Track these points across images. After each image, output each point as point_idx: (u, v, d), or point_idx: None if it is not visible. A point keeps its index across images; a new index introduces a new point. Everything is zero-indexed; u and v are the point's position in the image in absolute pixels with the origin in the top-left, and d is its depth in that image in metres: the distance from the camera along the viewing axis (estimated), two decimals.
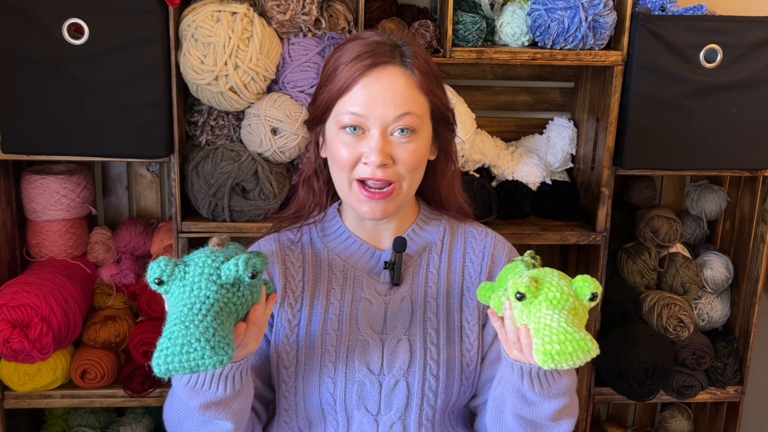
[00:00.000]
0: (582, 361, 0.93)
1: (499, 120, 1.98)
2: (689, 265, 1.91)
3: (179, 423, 1.11)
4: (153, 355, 0.89)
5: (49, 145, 1.57)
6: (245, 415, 1.13)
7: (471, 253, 1.28)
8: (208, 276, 0.93)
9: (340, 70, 1.15)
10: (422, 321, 1.21)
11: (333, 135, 1.17)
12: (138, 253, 1.86)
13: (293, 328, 1.21)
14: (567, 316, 0.96)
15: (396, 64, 1.15)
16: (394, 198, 1.16)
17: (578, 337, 0.93)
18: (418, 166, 1.18)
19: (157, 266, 0.93)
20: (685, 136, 1.71)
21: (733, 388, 1.94)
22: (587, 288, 0.99)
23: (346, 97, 1.14)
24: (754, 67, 1.68)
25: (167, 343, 0.89)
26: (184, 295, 0.93)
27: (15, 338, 1.57)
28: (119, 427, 1.90)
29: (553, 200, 1.86)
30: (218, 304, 0.93)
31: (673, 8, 1.71)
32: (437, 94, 1.19)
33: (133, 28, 1.50)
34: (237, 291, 0.95)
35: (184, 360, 0.88)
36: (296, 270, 1.24)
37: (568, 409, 1.11)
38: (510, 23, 1.70)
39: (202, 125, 1.66)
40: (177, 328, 0.90)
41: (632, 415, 2.26)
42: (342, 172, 1.17)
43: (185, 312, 0.91)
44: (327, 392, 1.18)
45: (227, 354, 0.90)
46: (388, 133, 1.14)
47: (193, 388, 1.04)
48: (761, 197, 1.87)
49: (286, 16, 1.60)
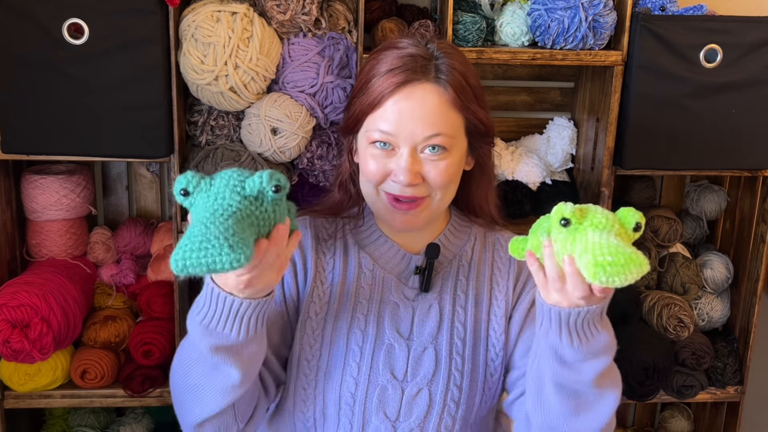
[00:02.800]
0: (634, 276, 0.89)
1: (499, 120, 1.98)
2: (689, 265, 1.91)
3: (186, 372, 1.08)
4: (171, 254, 0.89)
5: (49, 145, 1.57)
6: (254, 370, 1.09)
7: (498, 261, 1.27)
8: (232, 187, 0.95)
9: (373, 82, 1.13)
10: (450, 330, 1.20)
11: (363, 147, 1.17)
12: (138, 253, 1.86)
13: (319, 321, 1.19)
14: (615, 237, 0.94)
15: (429, 81, 1.12)
16: (422, 211, 1.15)
17: (630, 251, 0.90)
18: (450, 183, 1.16)
19: (184, 178, 0.95)
20: (685, 136, 1.70)
21: (733, 388, 1.94)
22: (632, 217, 0.97)
23: (376, 113, 1.13)
24: (754, 67, 1.68)
25: (186, 241, 0.89)
26: (208, 203, 0.94)
27: (15, 338, 1.57)
28: (119, 427, 1.90)
29: (553, 200, 1.83)
30: (240, 213, 0.94)
31: (673, 8, 1.71)
32: (473, 110, 1.15)
33: (133, 28, 1.50)
34: (260, 205, 0.96)
35: (202, 256, 0.88)
36: (327, 261, 1.23)
37: (610, 375, 1.06)
38: (510, 23, 1.70)
39: (202, 125, 1.66)
40: (197, 229, 0.90)
41: (632, 415, 2.26)
42: (369, 184, 1.16)
43: (207, 216, 0.92)
44: (348, 392, 1.16)
45: (244, 254, 0.90)
46: (417, 151, 1.12)
47: (207, 327, 1.01)
48: (761, 197, 1.87)
49: (286, 16, 1.60)
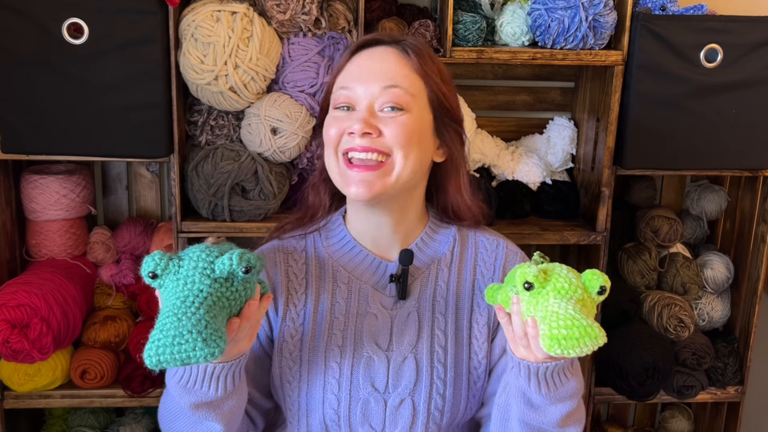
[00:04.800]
0: (589, 348, 0.91)
1: (499, 120, 1.98)
2: (689, 265, 1.91)
3: (172, 421, 1.10)
4: (144, 347, 0.88)
5: (49, 145, 1.56)
6: (237, 419, 1.11)
7: (482, 265, 1.23)
8: (202, 270, 0.93)
9: (338, 60, 1.17)
10: (430, 338, 1.17)
11: (328, 118, 1.15)
12: (138, 253, 1.86)
13: (295, 343, 1.17)
14: (575, 305, 0.95)
15: (390, 45, 1.14)
16: (385, 174, 1.09)
17: (585, 324, 0.92)
18: (410, 143, 1.09)
19: (152, 260, 0.93)
20: (685, 136, 1.70)
21: (733, 388, 1.94)
22: (596, 281, 0.98)
23: (340, 76, 1.15)
24: (754, 67, 1.68)
25: (159, 334, 0.88)
26: (178, 288, 0.92)
27: (15, 338, 1.57)
28: (119, 427, 1.90)
29: (554, 200, 1.85)
30: (211, 298, 0.92)
31: (674, 8, 1.71)
32: (437, 81, 1.14)
33: (133, 27, 1.50)
34: (231, 286, 0.95)
35: (176, 351, 0.87)
36: (299, 282, 1.19)
37: (575, 416, 1.08)
38: (510, 23, 1.70)
39: (202, 125, 1.66)
40: (169, 320, 0.88)
41: (632, 415, 2.26)
42: (330, 149, 1.13)
43: (178, 304, 0.90)
44: (331, 409, 1.14)
45: (219, 347, 0.89)
46: (376, 108, 1.10)
47: (185, 386, 1.02)
48: (761, 197, 1.87)
49: (286, 16, 1.59)
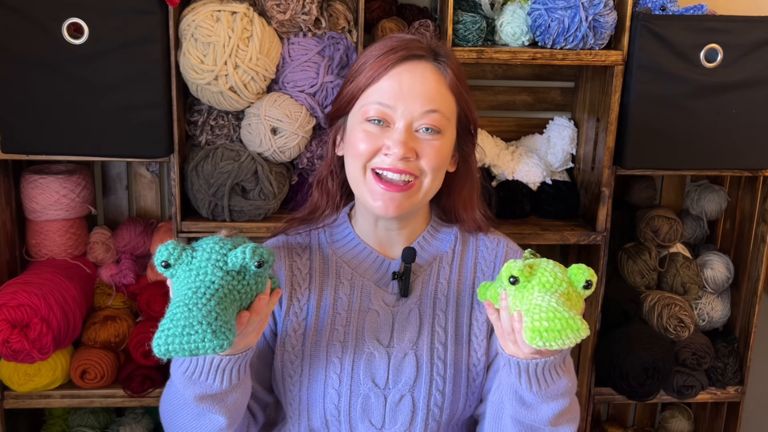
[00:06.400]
0: (572, 341, 0.91)
1: (499, 120, 1.98)
2: (689, 265, 1.91)
3: (174, 414, 1.10)
4: (154, 336, 0.88)
5: (48, 144, 1.56)
6: (240, 413, 1.11)
7: (482, 263, 1.24)
8: (214, 262, 0.93)
9: (371, 63, 1.11)
10: (430, 335, 1.18)
11: (355, 125, 1.13)
12: (138, 253, 1.86)
13: (298, 337, 1.18)
14: (558, 299, 0.95)
15: (429, 61, 1.12)
16: (412, 195, 1.12)
17: (567, 316, 0.92)
18: (441, 167, 1.13)
19: (165, 249, 0.93)
20: (685, 136, 1.70)
21: (733, 388, 1.94)
22: (581, 275, 0.98)
23: (373, 87, 1.11)
24: (754, 67, 1.68)
25: (169, 324, 0.88)
26: (190, 279, 0.92)
27: (15, 338, 1.57)
28: (119, 427, 1.90)
29: (554, 200, 1.85)
30: (223, 290, 0.92)
31: (674, 8, 1.71)
32: (466, 99, 1.16)
33: (133, 27, 1.50)
34: (242, 279, 0.95)
35: (185, 342, 0.87)
36: (303, 278, 1.21)
37: (568, 415, 1.08)
38: (510, 23, 1.70)
39: (202, 125, 1.66)
40: (180, 310, 0.89)
41: (632, 415, 2.26)
42: (357, 161, 1.12)
43: (189, 295, 0.91)
44: (331, 404, 1.15)
45: (227, 339, 0.89)
46: (413, 128, 1.10)
47: (191, 378, 1.02)
48: (761, 197, 1.87)
49: (286, 16, 1.59)
